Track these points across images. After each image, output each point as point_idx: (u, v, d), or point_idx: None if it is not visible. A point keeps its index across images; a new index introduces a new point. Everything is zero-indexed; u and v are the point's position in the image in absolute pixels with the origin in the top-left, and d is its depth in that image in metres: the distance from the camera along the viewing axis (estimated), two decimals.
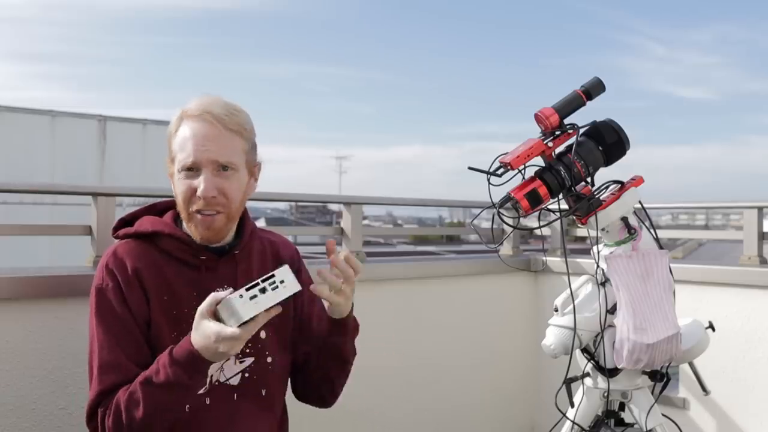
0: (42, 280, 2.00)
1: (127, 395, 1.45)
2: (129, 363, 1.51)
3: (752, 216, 2.77)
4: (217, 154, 1.55)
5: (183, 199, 1.56)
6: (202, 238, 1.59)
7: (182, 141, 1.56)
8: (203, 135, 1.54)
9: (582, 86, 1.73)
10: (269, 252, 1.73)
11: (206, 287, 1.59)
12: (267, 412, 1.65)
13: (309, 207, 41.92)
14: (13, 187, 3.16)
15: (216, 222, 1.57)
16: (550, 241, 3.38)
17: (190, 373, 1.40)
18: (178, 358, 1.41)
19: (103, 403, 1.49)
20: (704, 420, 2.71)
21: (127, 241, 1.62)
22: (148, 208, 1.70)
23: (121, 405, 1.44)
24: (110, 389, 1.49)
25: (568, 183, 1.69)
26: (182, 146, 1.55)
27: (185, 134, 1.56)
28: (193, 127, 1.55)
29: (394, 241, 18.37)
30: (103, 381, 1.50)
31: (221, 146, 1.55)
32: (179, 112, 1.60)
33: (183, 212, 1.58)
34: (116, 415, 1.45)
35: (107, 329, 1.53)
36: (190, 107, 1.58)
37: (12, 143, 12.50)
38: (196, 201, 1.55)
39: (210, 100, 1.59)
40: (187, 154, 1.54)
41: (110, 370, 1.50)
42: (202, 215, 1.56)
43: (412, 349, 2.86)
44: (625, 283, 1.70)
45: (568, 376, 1.81)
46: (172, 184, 1.62)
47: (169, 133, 1.60)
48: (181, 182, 1.56)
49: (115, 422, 1.45)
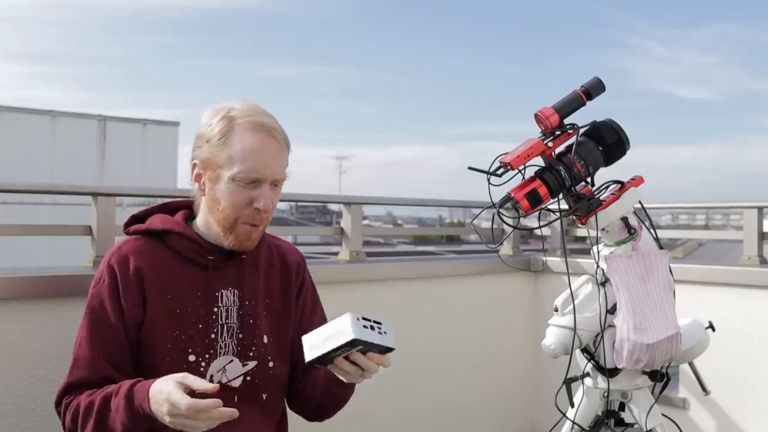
0: (42, 280, 2.00)
1: (87, 403, 1.49)
2: (102, 362, 1.54)
3: (752, 216, 2.77)
4: (278, 171, 1.57)
5: (234, 208, 1.55)
6: (241, 247, 1.60)
7: (243, 152, 1.53)
8: (270, 152, 1.55)
9: (582, 86, 1.73)
10: (276, 256, 1.74)
11: (212, 287, 1.60)
12: (267, 416, 1.65)
13: (309, 207, 41.88)
14: (13, 187, 3.16)
15: (257, 233, 1.60)
16: (550, 241, 3.38)
17: (131, 419, 1.42)
18: (133, 396, 1.42)
19: (68, 395, 1.54)
20: (704, 420, 2.71)
21: (136, 237, 1.63)
22: (160, 207, 1.70)
23: (80, 409, 1.50)
24: (77, 384, 1.54)
25: (568, 183, 1.69)
26: (243, 159, 1.53)
27: (247, 145, 1.53)
28: (258, 140, 1.54)
29: (394, 241, 18.36)
30: (74, 374, 1.56)
31: (281, 163, 1.58)
32: (223, 116, 1.56)
33: (227, 221, 1.56)
34: (73, 417, 1.51)
35: (91, 325, 1.57)
36: (242, 115, 1.55)
37: (12, 143, 12.52)
38: (249, 212, 1.56)
39: (261, 110, 1.59)
40: (251, 167, 1.53)
41: (83, 365, 1.55)
42: (249, 226, 1.57)
43: (411, 349, 2.85)
44: (625, 283, 1.70)
45: (568, 376, 1.81)
46: (201, 185, 1.60)
47: (210, 135, 1.56)
48: (236, 191, 1.54)
49: (72, 421, 1.51)
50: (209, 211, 1.60)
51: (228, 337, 1.60)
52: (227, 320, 1.60)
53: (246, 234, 1.58)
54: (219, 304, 1.60)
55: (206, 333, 1.58)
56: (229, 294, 1.61)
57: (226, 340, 1.59)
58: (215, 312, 1.59)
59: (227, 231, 1.58)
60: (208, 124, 1.57)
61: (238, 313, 1.62)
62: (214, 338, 1.58)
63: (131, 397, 1.42)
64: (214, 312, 1.59)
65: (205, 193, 1.60)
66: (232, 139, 1.54)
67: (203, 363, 1.57)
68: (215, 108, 1.59)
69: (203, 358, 1.57)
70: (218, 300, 1.60)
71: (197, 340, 1.56)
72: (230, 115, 1.56)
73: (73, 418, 1.51)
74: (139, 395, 1.41)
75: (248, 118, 1.55)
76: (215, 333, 1.59)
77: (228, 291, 1.61)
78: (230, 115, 1.56)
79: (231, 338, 1.60)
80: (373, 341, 1.38)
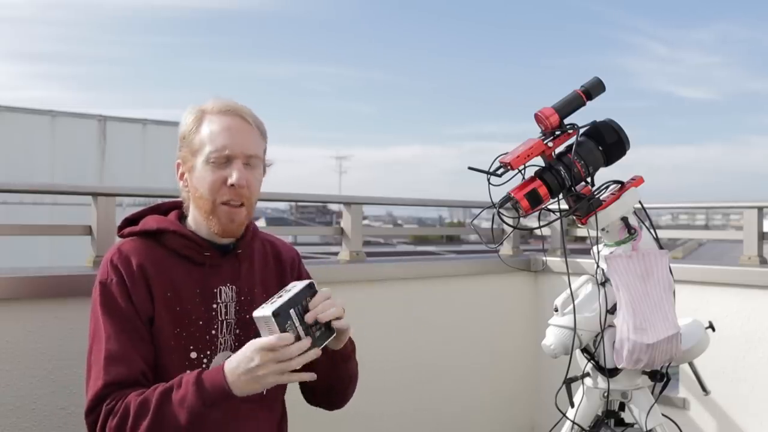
0: (42, 280, 2.00)
1: (140, 401, 1.43)
2: (136, 356, 1.51)
3: (752, 216, 2.77)
4: (248, 146, 1.60)
5: (211, 190, 1.57)
6: (224, 231, 1.60)
7: (211, 134, 1.58)
8: (236, 128, 1.59)
9: (582, 86, 1.73)
10: (270, 253, 1.75)
11: (210, 284, 1.60)
12: (267, 412, 1.66)
13: (309, 207, 41.90)
14: (13, 187, 3.17)
15: (240, 215, 1.60)
16: (550, 241, 3.38)
17: (206, 399, 1.41)
18: (204, 380, 1.42)
19: (109, 396, 1.47)
20: (704, 420, 2.71)
21: (132, 239, 1.63)
22: (152, 208, 1.71)
23: (130, 409, 1.43)
24: (117, 381, 1.48)
25: (568, 183, 1.69)
26: (212, 138, 1.58)
27: (214, 128, 1.59)
28: (224, 121, 1.59)
29: (394, 241, 18.35)
30: (110, 372, 1.48)
31: (251, 140, 1.61)
32: (196, 110, 1.62)
33: (207, 204, 1.58)
34: (122, 419, 1.43)
35: (114, 322, 1.52)
36: (212, 106, 1.62)
37: (12, 143, 12.51)
38: (225, 191, 1.57)
39: (231, 101, 1.64)
40: (220, 145, 1.57)
41: (117, 361, 1.49)
42: (228, 206, 1.58)
43: (411, 349, 2.86)
44: (625, 283, 1.70)
45: (568, 376, 1.81)
46: (184, 182, 1.64)
47: (187, 131, 1.62)
48: (210, 173, 1.57)
49: (119, 425, 1.43)
50: (193, 203, 1.62)
51: (227, 332, 1.61)
52: (226, 316, 1.61)
53: (227, 216, 1.58)
54: (218, 300, 1.61)
55: (207, 330, 1.58)
56: (227, 290, 1.62)
57: (226, 336, 1.60)
58: (214, 308, 1.60)
59: (209, 216, 1.59)
60: (185, 122, 1.63)
61: (236, 309, 1.62)
62: (215, 334, 1.59)
63: (200, 382, 1.42)
64: (213, 308, 1.60)
65: (188, 189, 1.62)
66: (202, 126, 1.60)
67: (204, 360, 1.57)
68: (190, 107, 1.64)
69: (204, 354, 1.57)
70: (217, 296, 1.61)
71: (198, 337, 1.57)
72: (202, 109, 1.62)
73: (120, 422, 1.43)
74: (210, 376, 1.42)
75: (219, 107, 1.61)
76: (215, 329, 1.59)
77: (226, 287, 1.62)
78: (202, 108, 1.62)
79: (230, 334, 1.61)
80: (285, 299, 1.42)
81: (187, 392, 1.41)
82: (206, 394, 1.41)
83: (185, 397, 1.41)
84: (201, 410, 1.41)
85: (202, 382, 1.42)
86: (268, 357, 1.39)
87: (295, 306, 1.43)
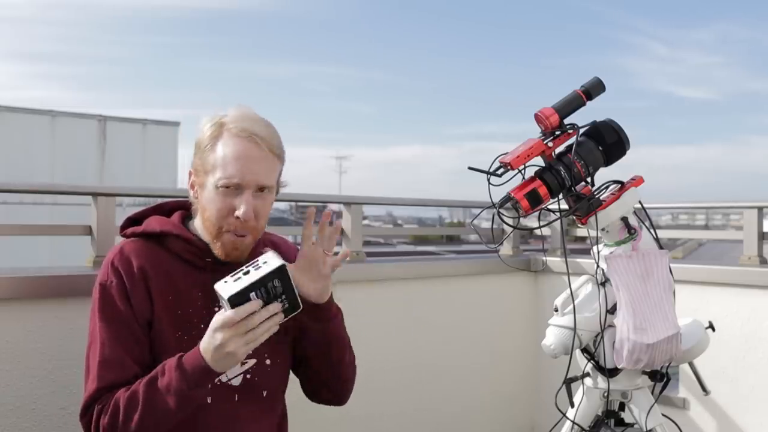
0: (42, 280, 2.00)
1: (128, 395, 1.44)
2: (130, 361, 1.51)
3: (752, 216, 2.77)
4: (261, 177, 1.54)
5: (217, 217, 1.54)
6: (227, 257, 1.58)
7: (225, 158, 1.53)
8: (250, 157, 1.53)
9: (582, 86, 1.73)
10: None
11: (212, 289, 1.59)
12: (267, 413, 1.65)
13: (309, 207, 41.86)
14: (13, 187, 3.17)
15: (244, 243, 1.57)
16: (550, 241, 3.38)
17: (189, 381, 1.41)
18: (184, 363, 1.42)
19: (100, 399, 1.49)
20: (704, 420, 2.71)
21: (134, 239, 1.63)
22: (155, 208, 1.70)
23: (120, 405, 1.44)
24: (109, 386, 1.49)
25: (568, 183, 1.69)
26: (225, 164, 1.52)
27: (228, 153, 1.53)
28: (240, 146, 1.53)
29: (394, 241, 18.37)
30: (103, 377, 1.50)
31: (265, 169, 1.55)
32: (215, 123, 1.56)
33: (212, 229, 1.56)
34: (113, 416, 1.44)
35: (110, 326, 1.53)
36: (232, 121, 1.55)
37: (12, 143, 12.52)
38: (231, 221, 1.54)
39: (253, 117, 1.57)
40: (231, 174, 1.52)
41: (111, 367, 1.50)
42: (233, 236, 1.55)
43: (411, 349, 2.86)
44: (625, 283, 1.70)
45: (568, 376, 1.81)
46: (194, 192, 1.60)
47: (202, 143, 1.56)
48: (218, 199, 1.54)
49: (110, 422, 1.44)
50: (200, 219, 1.61)
51: None
52: None
53: (231, 244, 1.56)
54: (219, 303, 1.60)
55: None
56: None
57: None
58: (216, 311, 1.59)
59: (214, 240, 1.57)
60: (202, 130, 1.58)
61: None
62: None
63: (182, 366, 1.41)
64: (215, 311, 1.59)
65: (198, 201, 1.60)
66: (217, 145, 1.55)
67: None
68: (212, 114, 1.59)
69: None
70: (218, 300, 1.60)
71: (199, 341, 1.56)
72: (221, 122, 1.56)
73: (111, 419, 1.44)
74: (190, 359, 1.42)
75: (235, 124, 1.55)
76: None
77: None
78: (221, 121, 1.56)
79: None
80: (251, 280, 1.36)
81: (171, 378, 1.42)
82: (188, 376, 1.41)
83: (170, 383, 1.41)
84: (187, 393, 1.41)
85: (182, 365, 1.42)
86: (230, 333, 1.37)
87: (257, 289, 1.37)
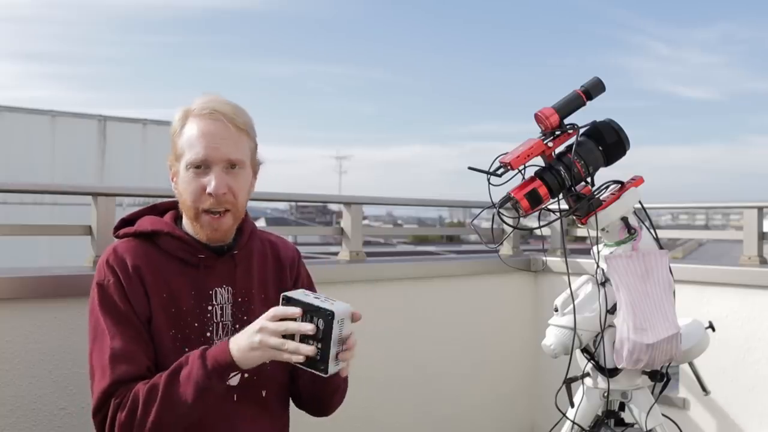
0: (42, 280, 2.00)
1: (149, 387, 1.44)
2: (141, 354, 1.51)
3: (752, 216, 2.77)
4: (227, 152, 1.56)
5: (192, 198, 1.56)
6: (209, 239, 1.59)
7: (191, 139, 1.56)
8: (214, 133, 1.55)
9: (582, 86, 1.73)
10: (269, 252, 1.74)
11: (205, 286, 1.60)
12: (267, 413, 1.65)
13: (309, 207, 41.94)
14: (13, 187, 3.17)
15: (224, 223, 1.58)
16: (550, 241, 3.38)
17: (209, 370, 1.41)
18: (207, 353, 1.43)
19: (116, 394, 1.47)
20: (704, 420, 2.71)
21: (127, 239, 1.63)
22: (149, 209, 1.70)
23: (139, 398, 1.43)
24: (124, 379, 1.48)
25: (568, 183, 1.69)
26: (191, 144, 1.55)
27: (193, 132, 1.56)
28: (203, 125, 1.56)
29: (394, 241, 18.37)
30: (116, 370, 1.48)
31: (231, 144, 1.57)
32: (182, 111, 1.60)
33: (190, 211, 1.58)
34: (131, 409, 1.43)
35: (115, 321, 1.52)
36: (196, 106, 1.58)
37: (12, 143, 12.51)
38: (205, 199, 1.55)
39: (216, 99, 1.60)
40: (197, 151, 1.54)
41: (123, 359, 1.49)
42: (210, 215, 1.56)
43: (411, 349, 2.86)
44: (625, 283, 1.70)
45: (568, 376, 1.81)
46: (175, 184, 1.62)
47: (173, 132, 1.60)
48: (190, 180, 1.56)
49: (128, 416, 1.43)
50: (181, 207, 1.62)
51: (224, 334, 1.60)
52: (222, 318, 1.60)
53: (209, 225, 1.57)
54: (213, 302, 1.60)
55: (202, 331, 1.58)
56: (222, 291, 1.61)
57: (222, 337, 1.59)
58: (210, 310, 1.59)
59: (194, 224, 1.59)
60: (173, 122, 1.61)
61: (233, 311, 1.62)
62: (210, 336, 1.58)
63: (205, 354, 1.43)
64: (208, 310, 1.59)
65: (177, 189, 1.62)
66: (184, 129, 1.58)
67: None
68: (181, 106, 1.62)
69: None
70: (212, 298, 1.60)
71: (193, 339, 1.56)
72: (187, 109, 1.60)
73: (130, 413, 1.43)
74: (215, 350, 1.43)
75: (201, 108, 1.58)
76: (210, 331, 1.59)
77: (222, 288, 1.62)
78: (186, 109, 1.60)
79: (226, 335, 1.59)
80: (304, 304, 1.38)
81: (192, 366, 1.42)
82: (210, 363, 1.41)
83: (191, 371, 1.42)
84: (206, 383, 1.41)
85: (206, 353, 1.43)
86: (266, 324, 1.38)
87: (307, 314, 1.38)
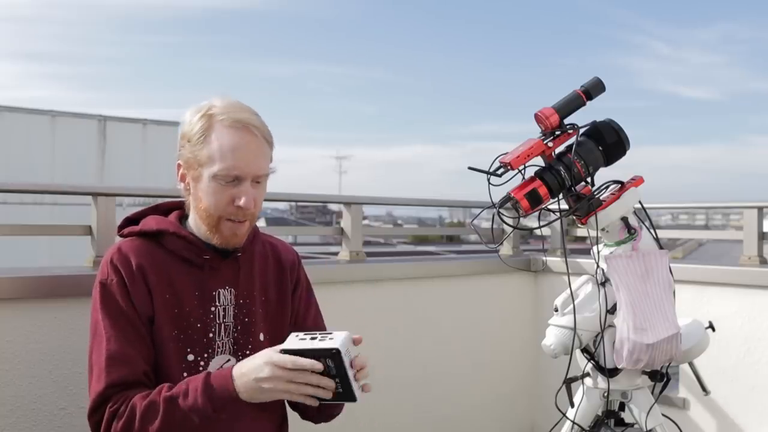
0: (42, 280, 2.00)
1: (146, 404, 1.43)
2: (138, 357, 1.51)
3: (752, 216, 2.77)
4: (259, 167, 1.56)
5: (217, 206, 1.55)
6: (227, 244, 1.59)
7: (222, 149, 1.52)
8: (250, 148, 1.54)
9: (582, 86, 1.73)
10: (271, 255, 1.74)
11: (208, 287, 1.60)
12: (267, 412, 1.65)
13: (309, 207, 41.93)
14: (13, 187, 3.17)
15: (243, 229, 1.59)
16: (550, 241, 3.38)
17: (216, 405, 1.42)
18: (212, 385, 1.42)
19: (112, 399, 1.47)
20: (704, 420, 2.71)
21: (131, 239, 1.63)
22: (153, 208, 1.70)
23: (136, 412, 1.43)
24: (119, 383, 1.48)
25: (568, 183, 1.69)
26: (223, 155, 1.52)
27: (224, 144, 1.52)
28: (237, 138, 1.53)
29: (394, 241, 18.36)
30: (112, 373, 1.48)
31: (262, 158, 1.57)
32: (203, 115, 1.55)
33: (212, 219, 1.56)
34: (128, 422, 1.43)
35: (114, 322, 1.52)
36: (220, 111, 1.55)
37: (12, 143, 12.51)
38: (231, 210, 1.55)
39: (242, 108, 1.58)
40: (230, 165, 1.52)
41: (119, 362, 1.49)
42: (232, 222, 1.56)
43: (411, 349, 2.86)
44: (625, 283, 1.70)
45: (568, 376, 1.81)
46: (187, 186, 1.60)
47: (191, 133, 1.55)
48: (217, 191, 1.54)
49: (124, 428, 1.44)
50: (196, 211, 1.60)
51: (225, 335, 1.60)
52: (224, 319, 1.60)
53: (230, 231, 1.57)
54: (216, 303, 1.60)
55: (205, 332, 1.58)
56: (225, 293, 1.61)
57: (224, 338, 1.60)
58: (213, 311, 1.59)
59: (212, 229, 1.58)
60: (189, 122, 1.57)
61: (235, 312, 1.62)
62: (212, 337, 1.58)
63: (210, 389, 1.42)
64: (211, 311, 1.59)
65: (190, 193, 1.60)
66: (211, 137, 1.54)
67: (201, 362, 1.57)
68: (196, 106, 1.58)
69: (201, 357, 1.57)
70: (216, 299, 1.60)
71: (196, 340, 1.56)
72: (210, 113, 1.55)
73: (126, 424, 1.43)
74: (219, 382, 1.42)
75: (227, 115, 1.54)
76: (213, 332, 1.59)
77: (225, 290, 1.62)
78: (210, 113, 1.55)
79: (228, 337, 1.60)
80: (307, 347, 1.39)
81: (196, 400, 1.42)
82: (215, 398, 1.42)
83: (195, 404, 1.42)
84: (211, 415, 1.42)
85: (211, 388, 1.42)
86: (278, 373, 1.38)
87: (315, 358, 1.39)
